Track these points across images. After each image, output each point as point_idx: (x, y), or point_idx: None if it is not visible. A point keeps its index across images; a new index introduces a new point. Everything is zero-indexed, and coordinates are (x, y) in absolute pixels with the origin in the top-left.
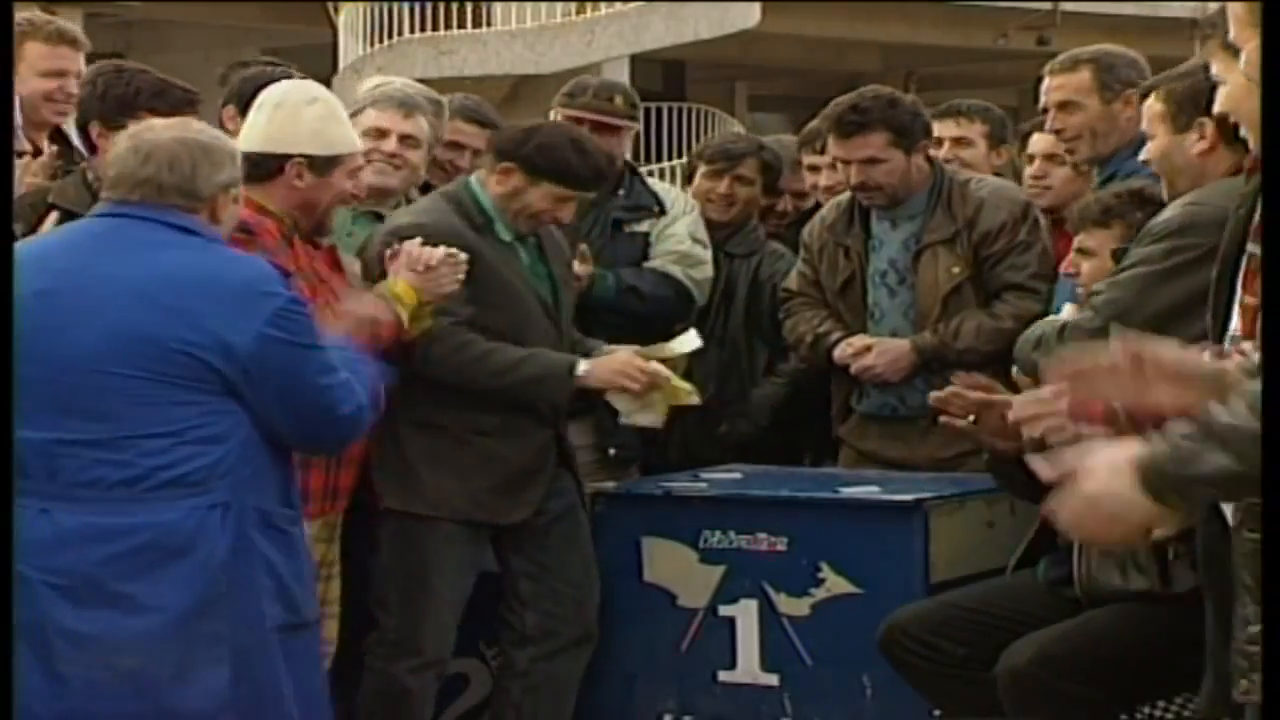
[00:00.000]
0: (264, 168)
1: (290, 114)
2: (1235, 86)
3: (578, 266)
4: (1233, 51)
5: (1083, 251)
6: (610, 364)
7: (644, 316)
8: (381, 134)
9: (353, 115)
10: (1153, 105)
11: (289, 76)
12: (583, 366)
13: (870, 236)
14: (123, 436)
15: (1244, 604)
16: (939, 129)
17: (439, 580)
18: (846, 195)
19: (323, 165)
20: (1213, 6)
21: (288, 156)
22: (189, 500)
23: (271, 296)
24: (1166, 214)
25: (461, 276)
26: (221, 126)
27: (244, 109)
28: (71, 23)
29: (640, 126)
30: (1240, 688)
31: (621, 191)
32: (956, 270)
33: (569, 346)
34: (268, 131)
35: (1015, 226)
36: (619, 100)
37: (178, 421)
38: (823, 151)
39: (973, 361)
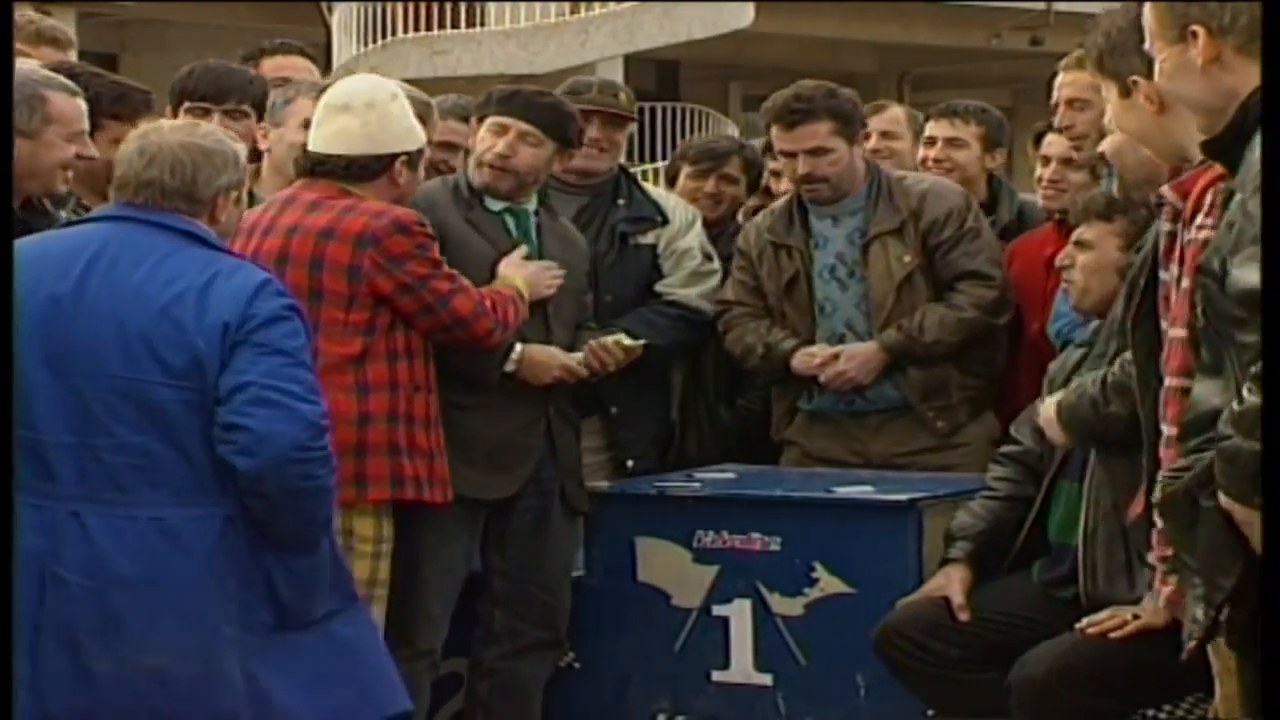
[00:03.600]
0: (371, 169)
1: (383, 113)
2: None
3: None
4: (1109, 74)
5: (1081, 244)
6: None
7: (668, 361)
8: None
9: None
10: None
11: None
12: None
13: (811, 235)
14: (144, 442)
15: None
16: (934, 128)
17: (428, 571)
18: (782, 200)
19: (415, 160)
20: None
21: (393, 155)
22: (213, 506)
23: (268, 300)
24: None
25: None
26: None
27: (176, 106)
28: (65, 23)
29: (635, 126)
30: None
31: (621, 201)
32: (907, 259)
33: (560, 326)
34: (368, 133)
35: (962, 214)
36: (622, 97)
37: (196, 430)
38: None
39: (941, 353)
